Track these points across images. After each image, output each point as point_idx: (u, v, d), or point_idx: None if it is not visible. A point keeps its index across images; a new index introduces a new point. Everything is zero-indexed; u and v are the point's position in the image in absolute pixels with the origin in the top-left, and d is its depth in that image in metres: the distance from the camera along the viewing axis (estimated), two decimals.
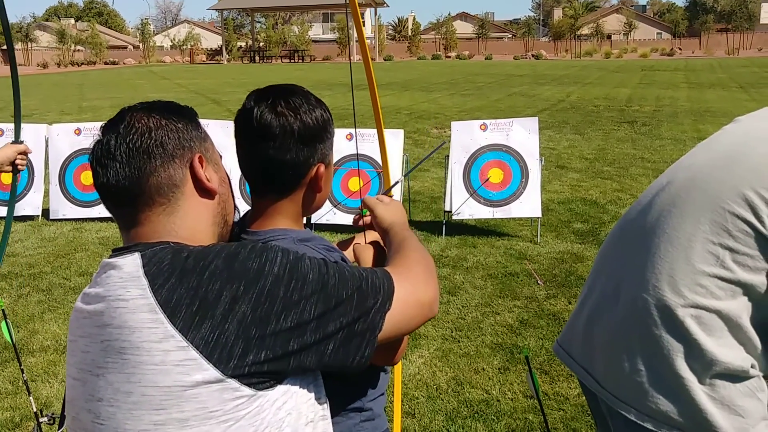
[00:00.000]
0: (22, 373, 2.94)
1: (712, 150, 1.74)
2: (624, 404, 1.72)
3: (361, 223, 1.77)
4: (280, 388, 1.21)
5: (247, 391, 1.16)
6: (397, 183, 2.06)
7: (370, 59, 1.94)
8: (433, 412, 3.86)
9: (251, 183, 1.56)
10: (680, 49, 64.62)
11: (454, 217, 7.08)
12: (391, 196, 1.80)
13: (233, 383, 1.15)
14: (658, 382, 1.64)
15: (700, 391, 1.60)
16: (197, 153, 1.36)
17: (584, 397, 3.88)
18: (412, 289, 1.36)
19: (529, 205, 6.97)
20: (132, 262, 1.23)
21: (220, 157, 1.47)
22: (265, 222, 1.55)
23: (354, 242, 1.78)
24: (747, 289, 1.57)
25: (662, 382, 1.64)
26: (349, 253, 1.76)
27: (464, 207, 7.03)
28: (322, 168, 1.54)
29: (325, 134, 1.54)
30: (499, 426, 3.70)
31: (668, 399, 1.63)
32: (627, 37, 75.05)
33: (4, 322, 2.82)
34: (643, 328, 1.66)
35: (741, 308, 1.59)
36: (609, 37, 73.43)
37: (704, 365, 1.59)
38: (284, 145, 1.47)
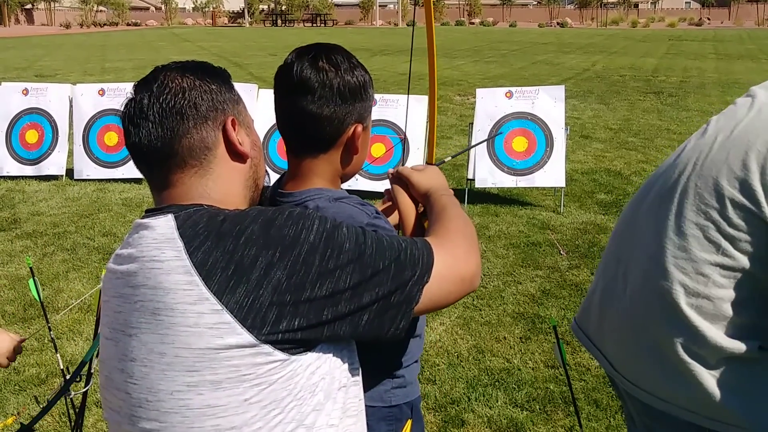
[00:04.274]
0: (50, 330, 2.97)
1: (721, 132, 1.69)
2: (635, 387, 1.74)
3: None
4: (314, 354, 1.20)
5: (280, 355, 1.16)
6: (443, 162, 2.01)
7: (433, 24, 1.90)
8: (453, 379, 3.87)
9: (288, 140, 1.55)
10: (709, 19, 63.37)
11: (476, 185, 7.03)
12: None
13: (266, 348, 1.14)
14: (666, 368, 1.65)
15: (707, 375, 1.61)
16: (230, 116, 1.35)
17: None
18: (453, 262, 1.33)
19: (553, 174, 6.90)
20: (165, 224, 1.22)
21: (252, 120, 1.45)
22: (301, 182, 1.55)
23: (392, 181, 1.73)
24: (750, 274, 1.57)
25: (670, 368, 1.65)
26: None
27: (487, 175, 6.97)
28: (360, 128, 1.53)
29: (364, 94, 1.52)
30: (520, 395, 3.70)
31: (677, 384, 1.64)
32: (654, 6, 73.70)
33: (32, 280, 2.84)
34: (648, 316, 1.67)
35: (745, 292, 1.58)
36: (636, 5, 72.14)
37: (709, 352, 1.60)
38: (322, 99, 1.46)
